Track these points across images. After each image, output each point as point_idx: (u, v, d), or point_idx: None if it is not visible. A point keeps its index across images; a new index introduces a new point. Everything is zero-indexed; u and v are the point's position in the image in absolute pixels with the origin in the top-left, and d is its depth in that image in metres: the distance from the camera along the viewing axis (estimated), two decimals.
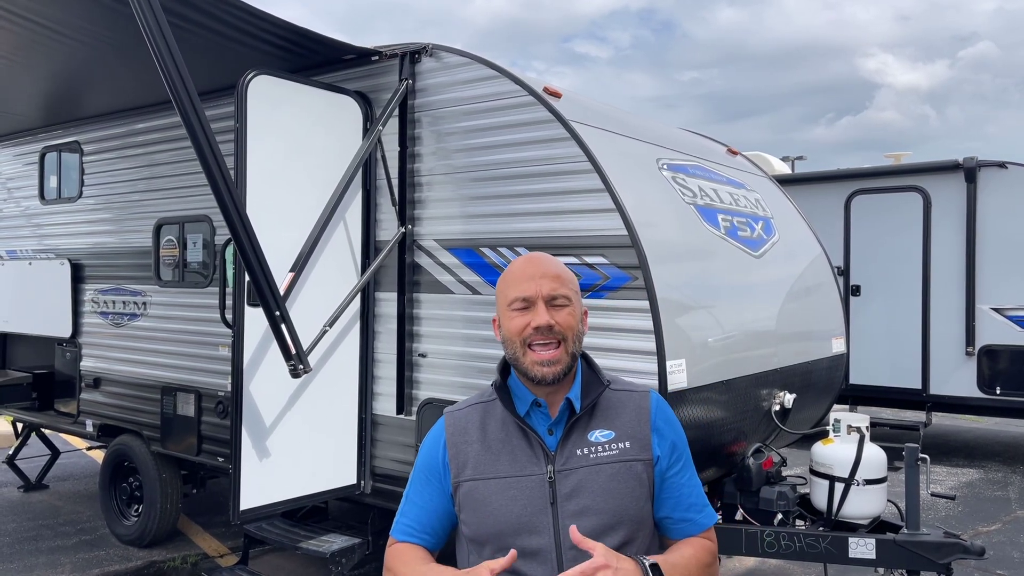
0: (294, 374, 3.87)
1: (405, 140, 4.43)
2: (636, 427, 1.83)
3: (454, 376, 4.23)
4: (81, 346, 6.27)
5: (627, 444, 1.81)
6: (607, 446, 1.80)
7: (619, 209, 3.69)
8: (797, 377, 4.73)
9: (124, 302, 5.95)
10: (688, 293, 4.04)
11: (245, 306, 4.02)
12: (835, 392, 5.42)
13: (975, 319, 8.28)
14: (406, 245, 4.43)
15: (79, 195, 6.40)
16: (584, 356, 1.90)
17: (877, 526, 4.07)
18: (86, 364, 6.23)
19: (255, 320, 3.97)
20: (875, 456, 4.06)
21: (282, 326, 3.76)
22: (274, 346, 3.85)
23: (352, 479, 4.48)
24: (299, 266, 4.11)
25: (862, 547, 3.80)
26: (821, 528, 4.06)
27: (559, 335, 1.78)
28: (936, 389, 8.52)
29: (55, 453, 7.52)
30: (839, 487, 4.01)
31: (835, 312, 5.44)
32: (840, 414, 4.25)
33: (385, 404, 4.50)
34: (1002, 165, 8.29)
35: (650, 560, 1.70)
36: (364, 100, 4.53)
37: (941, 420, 10.34)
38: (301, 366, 3.85)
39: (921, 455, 3.91)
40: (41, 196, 6.83)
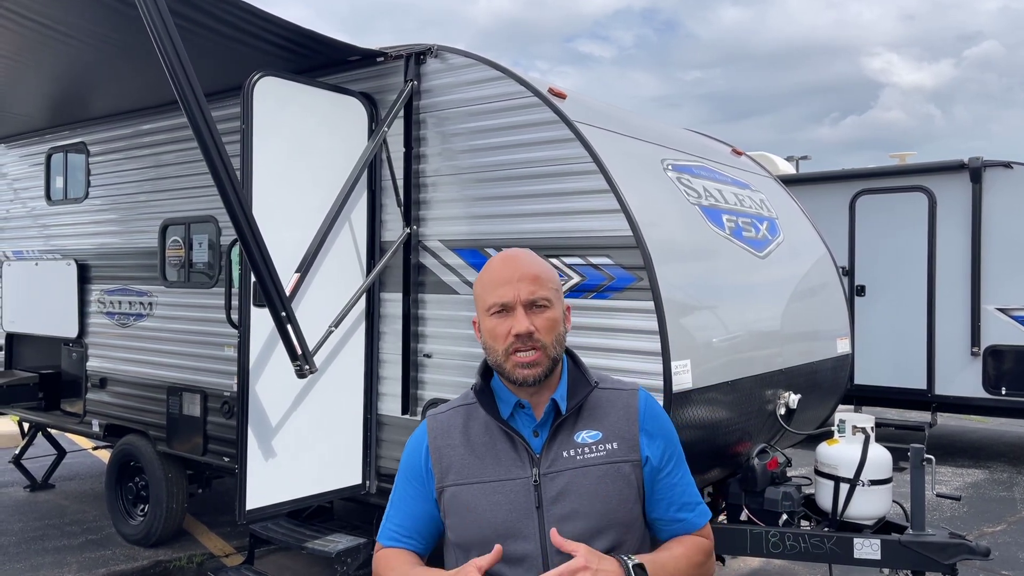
0: (300, 374, 3.88)
1: (410, 141, 4.44)
2: (624, 427, 1.78)
3: (459, 376, 4.24)
4: (87, 346, 6.30)
5: (615, 445, 1.76)
6: (594, 447, 1.75)
7: (624, 210, 3.70)
8: (802, 377, 4.73)
9: (130, 302, 5.97)
10: (693, 294, 4.04)
11: (251, 306, 4.03)
12: (840, 392, 5.41)
13: (980, 319, 8.26)
14: (411, 246, 4.44)
15: (85, 196, 6.43)
16: (571, 355, 1.85)
17: (882, 527, 4.07)
18: (92, 364, 6.25)
19: (261, 320, 3.98)
20: (880, 456, 4.05)
21: (288, 326, 3.77)
22: (280, 346, 3.86)
23: (357, 479, 4.50)
24: (305, 267, 4.12)
25: (867, 548, 3.80)
26: (826, 528, 4.06)
27: (538, 342, 1.71)
28: (941, 389, 8.50)
29: (61, 453, 7.55)
30: (844, 487, 4.01)
31: (840, 312, 5.44)
32: (845, 414, 4.24)
33: (390, 404, 4.51)
34: (1007, 165, 8.26)
35: (635, 560, 1.65)
36: (369, 101, 4.55)
37: (946, 420, 10.31)
38: (307, 366, 3.86)
39: (926, 455, 3.90)
40: (47, 197, 6.86)
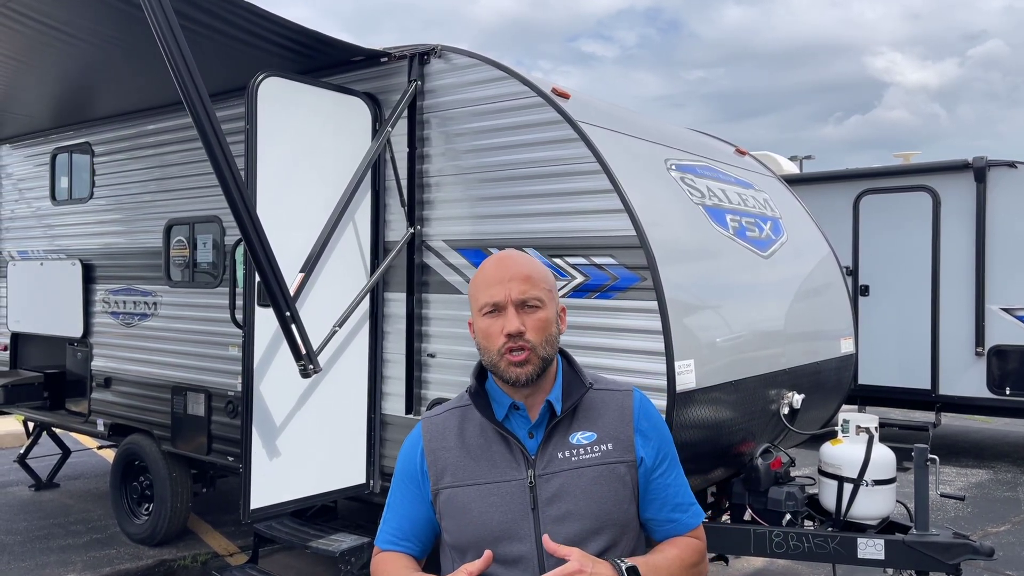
0: (304, 374, 3.89)
1: (414, 141, 4.44)
2: (619, 428, 1.78)
3: (463, 376, 4.24)
4: (92, 346, 6.31)
5: (609, 446, 1.76)
6: (589, 448, 1.75)
7: (627, 210, 3.70)
8: (806, 377, 4.72)
9: (135, 302, 5.98)
10: (696, 293, 4.04)
11: (255, 306, 4.04)
12: (844, 392, 5.41)
13: (984, 319, 8.24)
14: (415, 246, 4.44)
15: (90, 196, 6.44)
16: (565, 356, 1.85)
17: (886, 527, 4.07)
18: (97, 364, 6.27)
19: (265, 320, 3.99)
20: (884, 456, 4.05)
21: (292, 326, 3.78)
22: (284, 346, 3.87)
23: (361, 478, 4.50)
24: (309, 266, 4.13)
25: (871, 548, 3.80)
26: (830, 528, 4.06)
27: (527, 342, 1.71)
28: (945, 389, 8.49)
29: (66, 452, 7.57)
30: (848, 487, 4.01)
31: (844, 312, 5.43)
32: (849, 414, 4.24)
33: (394, 404, 4.52)
34: (1012, 164, 8.24)
35: (628, 563, 1.66)
36: (373, 101, 4.55)
37: (950, 421, 10.30)
38: (311, 366, 3.87)
39: (930, 456, 3.90)
40: (52, 197, 6.88)
